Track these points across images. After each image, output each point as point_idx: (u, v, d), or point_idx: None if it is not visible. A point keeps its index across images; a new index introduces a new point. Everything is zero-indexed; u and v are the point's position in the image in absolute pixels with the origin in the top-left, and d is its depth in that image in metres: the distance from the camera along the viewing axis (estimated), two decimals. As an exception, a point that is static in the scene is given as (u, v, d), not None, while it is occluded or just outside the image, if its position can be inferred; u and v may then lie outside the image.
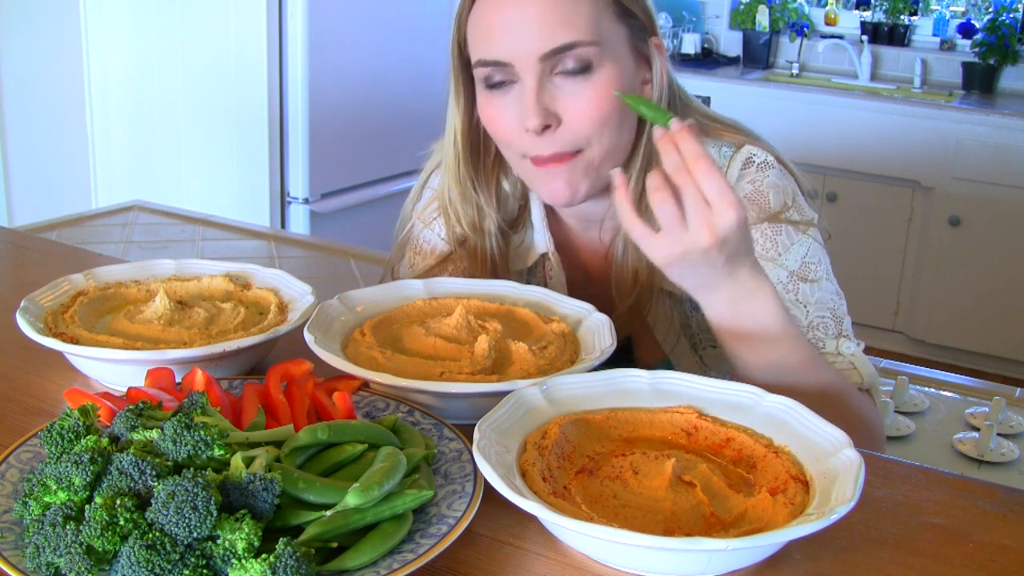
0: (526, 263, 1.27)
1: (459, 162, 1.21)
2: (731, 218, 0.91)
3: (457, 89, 1.18)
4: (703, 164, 0.90)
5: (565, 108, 1.08)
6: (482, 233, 1.23)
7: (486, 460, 0.75)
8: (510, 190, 1.25)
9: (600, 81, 1.08)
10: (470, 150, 1.21)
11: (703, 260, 0.93)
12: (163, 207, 2.36)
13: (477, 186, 1.22)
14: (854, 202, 3.78)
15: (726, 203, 0.90)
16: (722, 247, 0.92)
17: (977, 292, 3.65)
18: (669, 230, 0.92)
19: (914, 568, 0.75)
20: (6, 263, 1.45)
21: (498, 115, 1.12)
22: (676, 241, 0.92)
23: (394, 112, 3.36)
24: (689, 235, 0.91)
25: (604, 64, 1.08)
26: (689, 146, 0.91)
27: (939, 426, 1.62)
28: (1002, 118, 3.51)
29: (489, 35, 1.09)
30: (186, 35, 3.18)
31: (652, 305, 1.22)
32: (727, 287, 0.97)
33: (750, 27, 4.31)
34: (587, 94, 1.08)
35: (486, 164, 1.23)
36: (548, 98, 1.08)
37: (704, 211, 0.91)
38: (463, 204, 1.23)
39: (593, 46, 1.07)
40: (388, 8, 3.28)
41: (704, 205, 0.91)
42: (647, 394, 0.91)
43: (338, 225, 3.26)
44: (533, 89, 1.07)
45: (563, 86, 1.08)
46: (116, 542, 0.64)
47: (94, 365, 0.99)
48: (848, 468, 0.76)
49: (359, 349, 0.98)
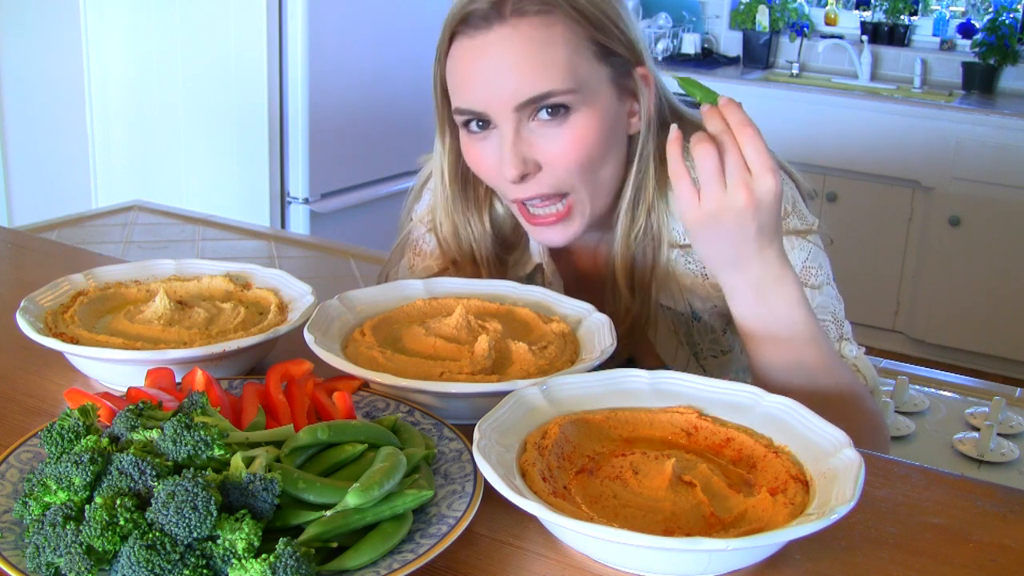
0: (523, 272, 1.26)
1: (449, 201, 1.21)
2: (770, 183, 0.93)
3: (442, 128, 1.18)
4: (749, 131, 0.93)
5: (543, 153, 1.07)
6: (478, 262, 1.23)
7: (486, 460, 0.75)
8: (504, 212, 1.24)
9: (577, 126, 1.07)
10: (460, 186, 1.20)
11: (735, 224, 0.94)
12: (163, 207, 2.37)
13: (470, 220, 1.21)
14: (854, 202, 3.78)
15: (766, 168, 0.93)
16: (757, 211, 0.93)
17: (977, 292, 3.65)
18: (708, 184, 0.94)
19: (914, 568, 0.75)
20: (6, 263, 1.45)
21: (479, 158, 1.11)
22: (713, 196, 0.94)
23: (394, 112, 3.36)
24: (727, 193, 0.93)
25: (581, 109, 1.07)
26: (736, 116, 0.94)
27: (939, 426, 1.62)
28: (1002, 118, 3.51)
29: (464, 84, 1.08)
30: (186, 35, 3.18)
31: (653, 322, 1.21)
32: (754, 266, 0.97)
33: (750, 27, 4.31)
34: (564, 139, 1.07)
35: (477, 195, 1.22)
36: (525, 146, 1.07)
37: (744, 172, 0.93)
38: (455, 240, 1.22)
39: (570, 93, 1.06)
40: (388, 8, 3.28)
41: (744, 167, 0.93)
42: (647, 394, 0.91)
43: (338, 225, 3.26)
44: (510, 138, 1.06)
45: (540, 131, 1.07)
46: (116, 542, 0.64)
47: (94, 365, 0.99)
48: (848, 468, 0.76)
49: (359, 349, 0.98)
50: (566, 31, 1.06)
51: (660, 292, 1.19)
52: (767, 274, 0.98)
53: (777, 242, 0.98)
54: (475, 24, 1.06)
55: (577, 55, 1.06)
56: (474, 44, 1.07)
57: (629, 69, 1.12)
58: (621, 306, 1.19)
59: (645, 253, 1.18)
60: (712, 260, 1.00)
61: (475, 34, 1.06)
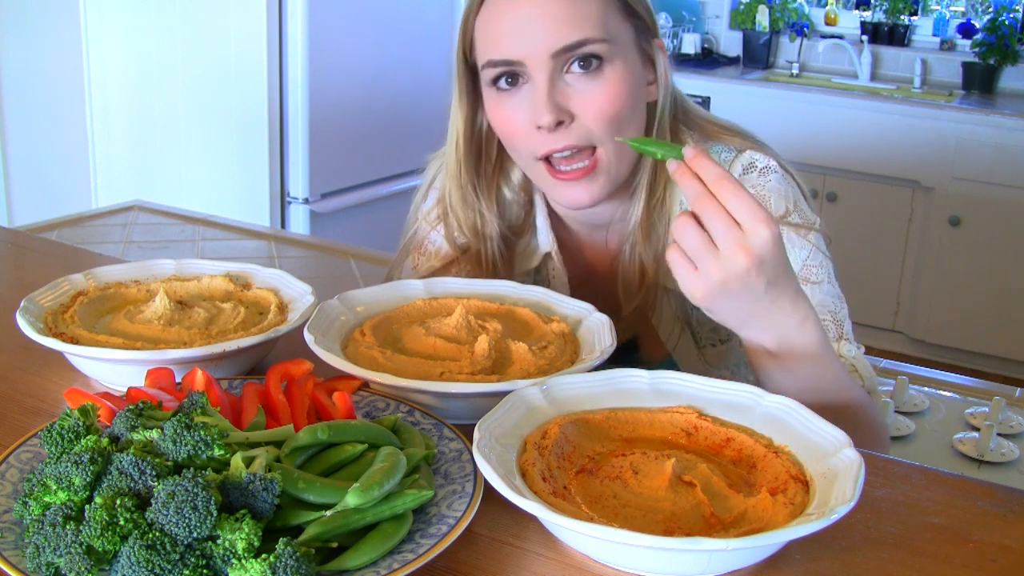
0: (531, 264, 1.26)
1: (460, 167, 1.21)
2: (765, 235, 0.86)
3: (461, 93, 1.19)
4: (728, 184, 0.86)
5: (577, 105, 1.09)
6: (484, 238, 1.23)
7: (486, 460, 0.75)
8: (512, 197, 1.25)
9: (611, 78, 1.09)
10: (472, 156, 1.21)
11: (742, 287, 0.88)
12: (163, 207, 2.37)
13: (478, 191, 1.22)
14: (854, 202, 3.78)
15: (758, 220, 0.86)
16: (760, 268, 0.87)
17: (977, 292, 3.65)
18: (701, 259, 0.88)
19: (914, 568, 0.75)
20: (6, 263, 1.45)
21: (509, 115, 1.12)
22: (711, 270, 0.88)
23: (394, 112, 3.36)
24: (723, 260, 0.87)
25: (614, 61, 1.09)
26: (709, 169, 0.87)
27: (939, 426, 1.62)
28: (1002, 118, 3.51)
29: (499, 35, 1.10)
30: (186, 35, 3.18)
31: (656, 304, 1.21)
32: (773, 318, 0.93)
33: (750, 27, 4.31)
34: (599, 90, 1.08)
35: (487, 171, 1.23)
36: (560, 95, 1.08)
37: (735, 232, 0.86)
38: (464, 209, 1.23)
39: (603, 43, 1.08)
40: (388, 8, 3.28)
41: (735, 226, 0.86)
42: (647, 394, 0.91)
43: (338, 225, 3.26)
44: (545, 87, 1.08)
45: (574, 84, 1.09)
46: (116, 542, 0.64)
47: (94, 365, 0.99)
48: (848, 468, 0.76)
49: (359, 349, 0.98)
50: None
51: (664, 273, 1.19)
52: (788, 323, 0.94)
53: (790, 286, 0.92)
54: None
55: (607, 8, 1.09)
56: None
57: (648, 37, 1.15)
58: (633, 280, 1.19)
59: (658, 226, 1.19)
60: (729, 323, 0.95)
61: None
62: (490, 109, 1.15)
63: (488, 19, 1.11)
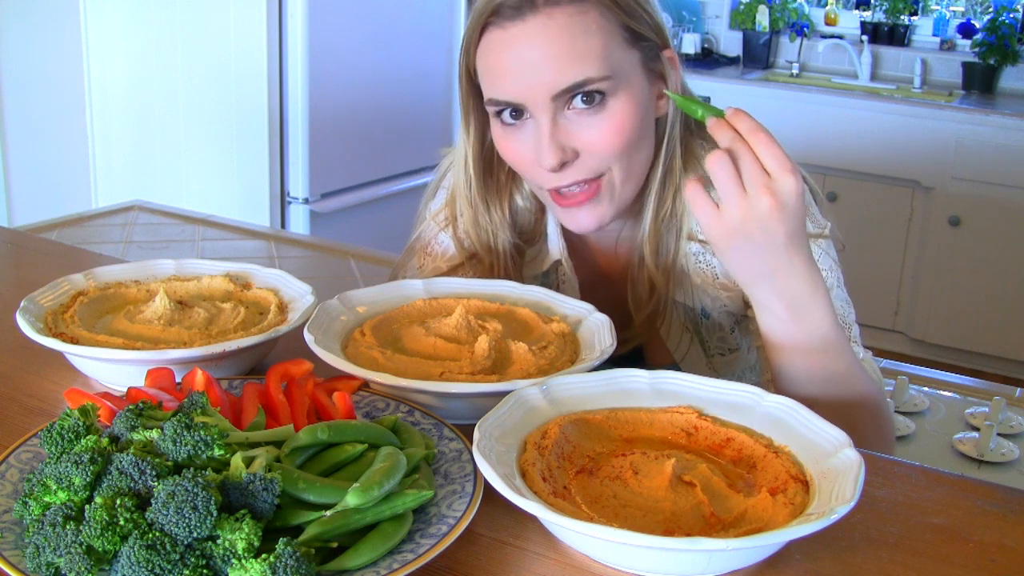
0: (541, 269, 1.25)
1: (471, 187, 1.20)
2: (791, 183, 0.90)
3: (467, 114, 1.17)
4: (761, 135, 0.90)
5: (581, 141, 1.07)
6: (496, 253, 1.22)
7: (486, 460, 0.75)
8: (524, 204, 1.23)
9: (615, 113, 1.06)
10: (482, 173, 1.19)
11: (762, 231, 0.91)
12: (163, 207, 2.37)
13: (491, 207, 1.21)
14: (854, 202, 3.78)
15: (785, 169, 0.90)
16: (782, 214, 0.90)
17: (977, 292, 3.65)
18: (727, 194, 0.91)
19: (914, 568, 0.75)
20: (6, 263, 1.45)
21: (515, 147, 1.10)
22: (734, 206, 0.91)
23: (394, 112, 3.36)
24: (748, 200, 0.90)
25: (618, 93, 1.07)
26: (746, 123, 0.91)
27: (939, 426, 1.62)
28: (1002, 118, 3.51)
29: (499, 74, 1.07)
30: (186, 35, 3.18)
31: (665, 315, 1.20)
32: (788, 279, 0.94)
33: (750, 27, 4.31)
34: (602, 126, 1.06)
35: (499, 182, 1.21)
36: (563, 134, 1.06)
37: (763, 176, 0.90)
38: (475, 228, 1.21)
39: (606, 80, 1.05)
40: (388, 8, 3.28)
41: (762, 171, 0.90)
42: (647, 394, 0.91)
43: (338, 225, 3.26)
44: (547, 128, 1.06)
45: (577, 120, 1.06)
46: (116, 542, 0.64)
47: (94, 365, 0.99)
48: (848, 468, 0.76)
49: (359, 349, 0.98)
50: (599, 18, 1.05)
51: (675, 286, 1.19)
52: (801, 287, 0.95)
53: (806, 247, 0.94)
54: (507, 15, 1.05)
55: (610, 42, 1.06)
56: (507, 35, 1.06)
57: (657, 52, 1.12)
58: (642, 292, 1.18)
59: (667, 240, 1.18)
60: (743, 275, 0.97)
61: (508, 25, 1.05)
62: (497, 139, 1.13)
63: (488, 53, 1.09)
